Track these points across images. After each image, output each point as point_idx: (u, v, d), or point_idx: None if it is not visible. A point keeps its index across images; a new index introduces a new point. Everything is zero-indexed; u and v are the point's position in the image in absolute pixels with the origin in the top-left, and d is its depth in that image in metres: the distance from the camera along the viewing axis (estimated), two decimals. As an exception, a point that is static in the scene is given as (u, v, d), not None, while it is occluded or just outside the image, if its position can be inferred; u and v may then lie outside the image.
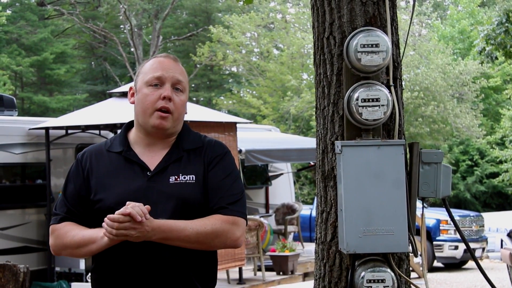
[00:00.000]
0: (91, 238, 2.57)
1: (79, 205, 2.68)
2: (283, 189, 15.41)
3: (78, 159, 2.74)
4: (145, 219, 2.45)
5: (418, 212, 3.71)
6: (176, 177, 2.63)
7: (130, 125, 2.78)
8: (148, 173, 2.64)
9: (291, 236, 14.16)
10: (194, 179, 2.63)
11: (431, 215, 14.39)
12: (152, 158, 2.67)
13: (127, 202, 2.49)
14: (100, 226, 2.57)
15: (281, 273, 11.68)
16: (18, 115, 12.47)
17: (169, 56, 2.74)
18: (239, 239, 2.62)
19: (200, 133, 2.80)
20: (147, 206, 2.49)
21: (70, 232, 2.63)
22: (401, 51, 3.63)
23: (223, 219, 2.58)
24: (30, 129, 11.28)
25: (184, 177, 2.63)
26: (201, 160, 2.67)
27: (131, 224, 2.44)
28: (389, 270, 3.27)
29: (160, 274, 2.58)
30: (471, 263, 14.98)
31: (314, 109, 3.70)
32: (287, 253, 11.64)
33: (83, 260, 10.74)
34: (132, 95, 2.75)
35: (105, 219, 2.47)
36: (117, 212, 2.45)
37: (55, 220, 2.69)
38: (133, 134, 2.75)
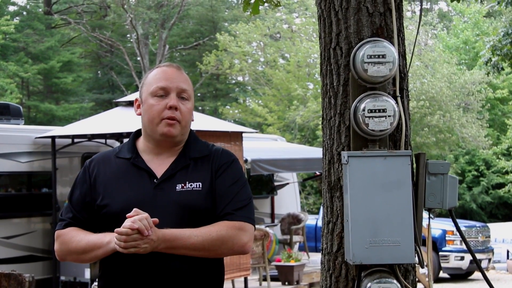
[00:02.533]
0: (96, 243, 2.57)
1: (84, 211, 2.68)
2: (288, 199, 15.37)
3: (86, 166, 2.76)
4: (151, 232, 2.45)
5: (424, 223, 3.70)
6: (183, 184, 2.63)
7: (138, 133, 2.80)
8: (155, 180, 2.65)
9: (296, 246, 14.11)
10: (200, 186, 2.63)
11: (437, 226, 14.35)
12: (159, 166, 2.68)
13: (134, 209, 2.49)
14: (106, 231, 2.58)
15: (286, 283, 11.64)
16: (24, 124, 12.50)
17: (172, 65, 2.75)
18: (246, 245, 2.60)
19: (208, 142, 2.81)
20: (155, 219, 2.49)
21: (75, 237, 2.64)
22: (408, 61, 3.63)
23: (229, 225, 2.58)
24: (36, 137, 11.29)
25: (191, 185, 2.63)
26: (209, 168, 2.68)
27: (139, 236, 2.44)
28: (395, 281, 3.25)
29: (168, 283, 2.58)
30: (477, 274, 14.92)
31: (320, 118, 3.71)
32: (292, 263, 11.60)
33: (88, 269, 10.73)
34: (138, 106, 2.76)
35: (114, 233, 2.48)
36: (124, 225, 2.46)
37: (60, 226, 2.70)
38: (141, 143, 2.76)
